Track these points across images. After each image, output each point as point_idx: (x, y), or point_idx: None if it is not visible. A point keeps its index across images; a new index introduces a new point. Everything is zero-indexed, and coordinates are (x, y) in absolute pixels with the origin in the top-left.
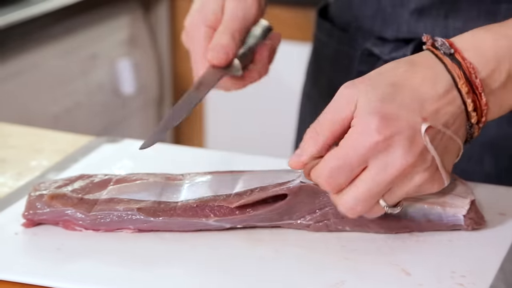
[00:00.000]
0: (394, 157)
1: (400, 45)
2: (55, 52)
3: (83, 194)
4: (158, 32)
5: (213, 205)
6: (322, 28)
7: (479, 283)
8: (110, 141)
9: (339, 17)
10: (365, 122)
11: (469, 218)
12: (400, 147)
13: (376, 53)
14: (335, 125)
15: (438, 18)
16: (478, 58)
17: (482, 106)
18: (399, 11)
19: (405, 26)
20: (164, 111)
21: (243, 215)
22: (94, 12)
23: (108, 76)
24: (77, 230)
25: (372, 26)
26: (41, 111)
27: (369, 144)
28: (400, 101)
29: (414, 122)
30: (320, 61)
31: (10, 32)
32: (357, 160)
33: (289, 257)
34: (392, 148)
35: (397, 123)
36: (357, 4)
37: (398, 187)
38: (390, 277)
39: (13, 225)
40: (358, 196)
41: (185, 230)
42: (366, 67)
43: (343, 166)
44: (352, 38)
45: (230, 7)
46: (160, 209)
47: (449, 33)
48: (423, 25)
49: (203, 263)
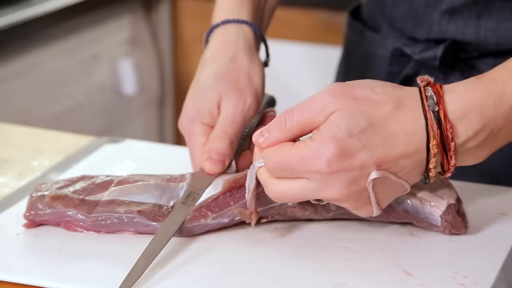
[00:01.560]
0: (331, 187)
1: (431, 45)
2: (57, 52)
3: (85, 195)
4: (160, 32)
5: (208, 203)
6: (354, 28)
7: (480, 284)
8: (111, 141)
9: (371, 18)
10: (322, 145)
11: (446, 221)
12: (341, 183)
13: (408, 53)
14: (306, 126)
15: (470, 18)
16: (463, 120)
17: (449, 166)
18: (430, 12)
19: (436, 27)
20: (166, 111)
21: (236, 204)
22: (95, 12)
23: (109, 76)
24: (78, 231)
25: (403, 27)
26: (42, 111)
27: (315, 169)
28: (366, 141)
29: (367, 166)
30: (351, 61)
31: (11, 32)
32: (300, 171)
33: (291, 258)
34: (333, 180)
35: (350, 161)
36: (389, 5)
37: None
38: (392, 278)
39: (15, 226)
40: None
41: (185, 235)
42: (397, 68)
43: (286, 168)
44: (383, 38)
45: (228, 108)
46: (160, 213)
47: (480, 34)
48: (455, 25)
49: (203, 264)
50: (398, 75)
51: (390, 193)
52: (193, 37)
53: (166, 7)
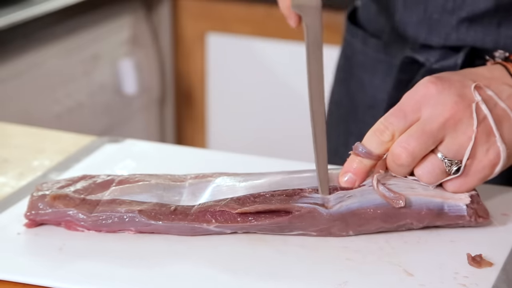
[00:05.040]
0: (444, 101)
1: (448, 53)
2: (57, 52)
3: (86, 194)
4: (160, 32)
5: (214, 210)
6: (355, 34)
7: (481, 284)
8: (112, 141)
9: (371, 23)
10: (417, 84)
11: (471, 208)
12: (450, 94)
13: (421, 61)
14: None
15: (490, 26)
16: None
17: None
18: (447, 19)
19: (454, 34)
20: (166, 111)
21: (244, 223)
22: (96, 12)
23: (110, 76)
24: (79, 231)
25: (416, 33)
26: (43, 111)
27: (421, 93)
28: (454, 74)
29: (465, 81)
30: (352, 68)
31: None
32: (410, 108)
33: (291, 257)
34: (442, 96)
35: (449, 81)
36: (400, 10)
37: (451, 137)
38: (393, 277)
39: (15, 225)
40: (411, 133)
41: (186, 234)
42: (407, 75)
43: (398, 115)
44: (387, 45)
45: None
46: (161, 212)
47: (500, 41)
48: (474, 33)
49: (204, 263)
50: (409, 83)
51: (504, 128)
52: (193, 37)
53: (166, 7)
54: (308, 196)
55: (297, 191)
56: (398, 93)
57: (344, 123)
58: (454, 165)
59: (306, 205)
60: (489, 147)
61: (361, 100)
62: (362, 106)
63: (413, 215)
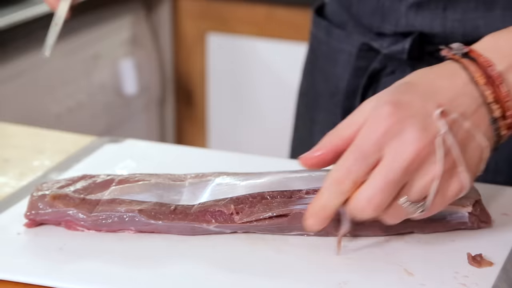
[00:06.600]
0: (406, 140)
1: (399, 39)
2: (58, 52)
3: (85, 194)
4: (161, 32)
5: (214, 210)
6: (319, 26)
7: (481, 283)
8: (112, 141)
9: (336, 16)
10: (376, 112)
11: (474, 215)
12: (413, 130)
13: (376, 47)
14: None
15: (437, 10)
16: (494, 54)
17: (503, 97)
18: (397, 5)
19: (404, 20)
20: (166, 111)
21: (244, 224)
22: (96, 12)
23: (110, 76)
24: (79, 230)
25: (371, 22)
26: (43, 111)
27: (382, 129)
28: (414, 91)
29: (427, 106)
30: (317, 59)
31: (12, 32)
32: (371, 148)
33: (291, 257)
34: (404, 132)
35: (409, 108)
36: (355, 2)
37: (415, 180)
38: (393, 277)
39: (16, 225)
40: (375, 185)
41: (186, 234)
42: (364, 62)
43: (358, 157)
44: (349, 35)
45: None
46: (161, 212)
47: (447, 25)
48: (421, 18)
49: (204, 263)
50: (366, 70)
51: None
52: (194, 37)
53: (167, 7)
54: (307, 197)
55: (295, 192)
56: (356, 81)
57: (309, 112)
58: (419, 207)
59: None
60: (454, 180)
61: (324, 90)
62: (325, 95)
63: (415, 225)
